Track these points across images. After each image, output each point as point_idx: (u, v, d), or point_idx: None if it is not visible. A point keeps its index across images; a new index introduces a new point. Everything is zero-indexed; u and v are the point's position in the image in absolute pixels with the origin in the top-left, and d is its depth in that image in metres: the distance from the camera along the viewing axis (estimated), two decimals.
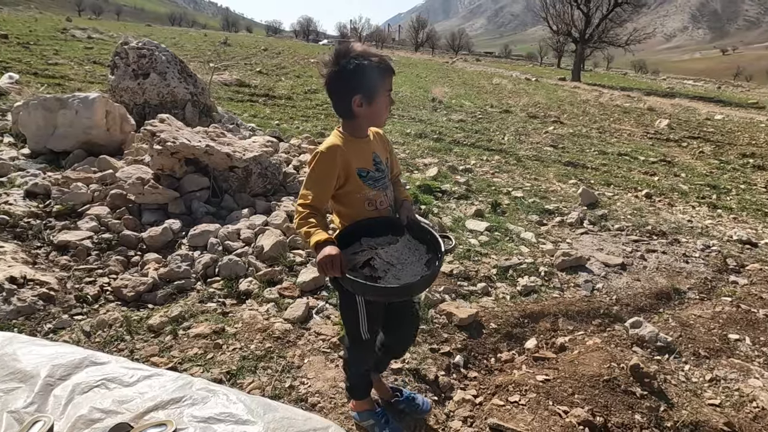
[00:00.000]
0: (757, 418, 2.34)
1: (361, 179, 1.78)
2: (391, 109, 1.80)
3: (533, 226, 4.85)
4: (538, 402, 2.38)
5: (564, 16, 41.63)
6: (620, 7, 39.33)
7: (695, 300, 3.66)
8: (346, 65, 1.66)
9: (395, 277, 1.67)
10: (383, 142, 1.95)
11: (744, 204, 6.62)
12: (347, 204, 1.82)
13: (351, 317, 1.88)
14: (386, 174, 1.89)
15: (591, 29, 40.44)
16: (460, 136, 9.08)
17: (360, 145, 1.80)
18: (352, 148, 1.77)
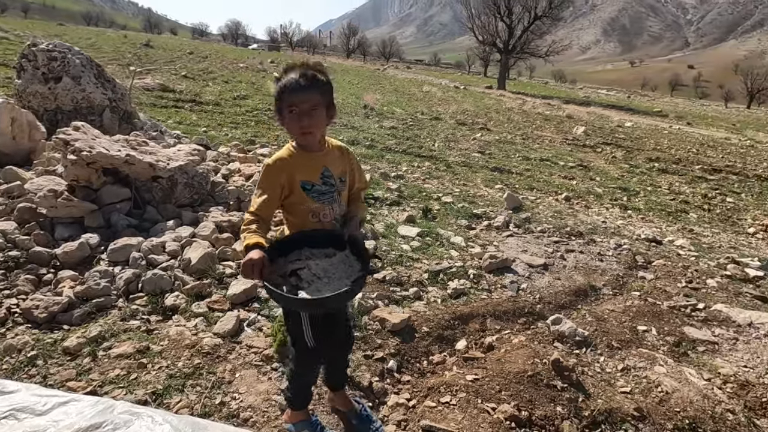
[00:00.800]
0: (662, 402, 2.56)
1: (304, 192, 1.85)
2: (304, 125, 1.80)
3: (462, 231, 5.02)
4: (468, 401, 2.47)
5: (489, 28, 43.45)
6: (540, 20, 41.62)
7: (609, 295, 3.94)
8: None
9: (317, 290, 1.68)
10: (344, 157, 1.99)
11: (650, 205, 7.22)
12: (293, 214, 1.91)
13: (296, 325, 1.93)
14: (336, 188, 1.93)
15: (514, 40, 42.50)
16: (392, 143, 9.23)
17: (309, 159, 1.87)
18: (300, 161, 1.85)
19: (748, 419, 2.51)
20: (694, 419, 2.44)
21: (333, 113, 1.91)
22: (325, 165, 1.90)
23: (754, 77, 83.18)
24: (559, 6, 41.84)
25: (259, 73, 20.83)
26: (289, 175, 1.82)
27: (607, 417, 2.47)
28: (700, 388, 2.65)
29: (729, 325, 3.47)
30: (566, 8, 45.16)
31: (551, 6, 41.16)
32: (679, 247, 5.25)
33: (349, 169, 2.00)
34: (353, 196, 2.06)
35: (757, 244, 6.02)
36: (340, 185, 1.95)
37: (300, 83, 1.78)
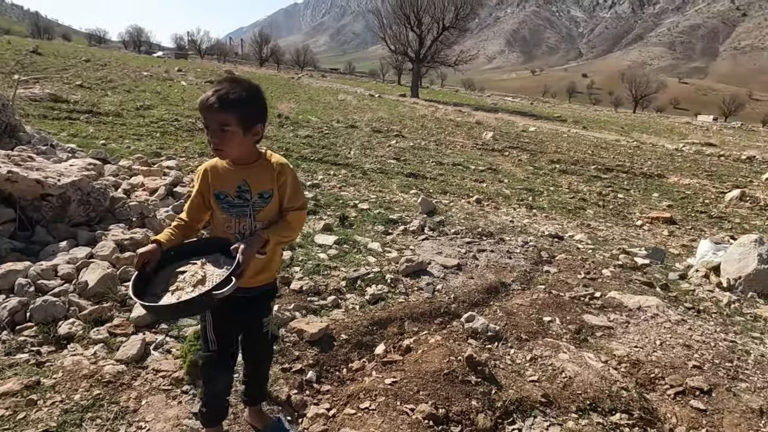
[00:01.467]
0: (566, 387, 2.74)
1: (217, 201, 1.92)
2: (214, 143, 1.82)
3: (379, 236, 5.08)
4: (387, 404, 2.49)
5: (400, 37, 44.64)
6: (448, 30, 43.44)
7: (518, 290, 4.17)
8: None
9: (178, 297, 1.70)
10: (274, 174, 1.93)
11: (553, 204, 7.75)
12: (214, 221, 2.00)
13: (201, 325, 2.05)
14: (253, 204, 1.91)
15: (424, 50, 43.95)
16: (308, 151, 9.16)
17: (230, 170, 1.92)
18: (221, 171, 1.92)
19: (639, 394, 2.75)
20: (594, 399, 2.64)
21: (257, 131, 1.87)
22: (244, 179, 1.90)
23: (638, 85, 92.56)
24: (465, 18, 43.90)
25: (165, 82, 19.83)
26: (206, 182, 1.92)
27: (518, 406, 2.60)
28: (599, 370, 2.87)
29: (622, 311, 3.80)
30: (472, 20, 47.44)
31: (458, 17, 43.11)
32: (578, 241, 5.68)
33: (277, 186, 1.95)
34: (281, 215, 1.99)
35: (644, 235, 6.66)
36: (259, 201, 1.92)
37: (210, 102, 1.76)
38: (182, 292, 1.71)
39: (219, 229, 1.96)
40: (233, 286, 1.67)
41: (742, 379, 3.02)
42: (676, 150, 20.83)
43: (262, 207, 1.93)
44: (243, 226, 1.92)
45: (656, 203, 9.22)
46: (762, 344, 3.56)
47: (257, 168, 1.93)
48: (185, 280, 1.76)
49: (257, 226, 1.93)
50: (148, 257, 1.75)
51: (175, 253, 1.87)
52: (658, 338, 3.37)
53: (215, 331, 2.01)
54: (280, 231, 1.95)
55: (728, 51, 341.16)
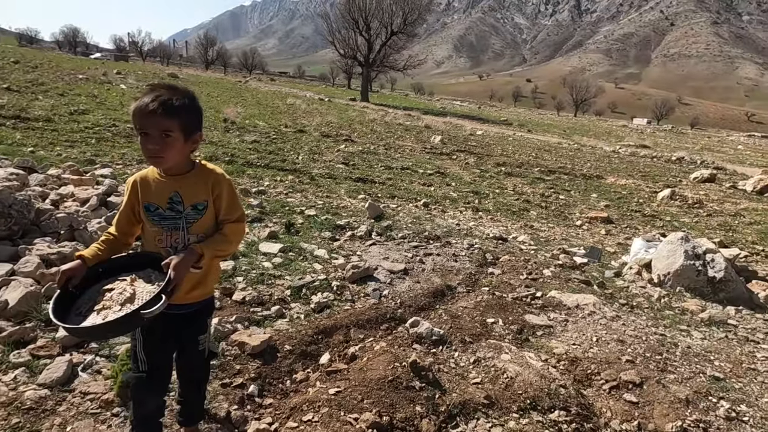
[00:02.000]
0: (508, 387, 2.80)
1: (147, 213, 1.84)
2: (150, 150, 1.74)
3: (326, 243, 5.04)
4: (330, 415, 2.46)
5: (349, 42, 44.65)
6: (396, 35, 43.85)
7: (463, 293, 4.23)
8: None
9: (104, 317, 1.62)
10: (207, 184, 1.87)
11: (498, 206, 7.95)
12: (144, 234, 1.90)
13: (132, 346, 1.97)
14: (185, 216, 1.84)
15: (373, 54, 44.16)
16: (254, 157, 8.98)
17: (161, 181, 1.84)
18: (152, 182, 1.84)
19: (577, 391, 2.85)
20: (534, 398, 2.71)
21: (196, 139, 1.84)
22: (176, 190, 1.83)
23: (578, 90, 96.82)
24: (413, 23, 44.46)
25: (102, 86, 18.93)
26: (135, 194, 1.84)
27: (461, 409, 2.63)
28: (538, 369, 2.95)
29: (561, 309, 3.94)
30: (420, 25, 48.11)
31: (406, 22, 43.61)
32: (521, 242, 5.84)
33: (212, 198, 1.88)
34: (219, 227, 1.92)
35: (583, 235, 6.95)
36: (192, 213, 1.85)
37: (152, 108, 1.69)
38: (109, 311, 1.63)
39: (150, 243, 1.87)
40: (163, 305, 1.59)
41: (670, 370, 3.18)
42: (613, 152, 21.91)
43: (196, 219, 1.86)
44: (175, 239, 1.84)
45: (595, 203, 9.64)
46: (689, 336, 3.78)
47: (191, 179, 1.86)
48: (113, 298, 1.67)
49: (191, 239, 1.85)
50: (71, 274, 1.67)
51: (103, 269, 1.78)
52: (594, 335, 3.51)
53: (146, 350, 1.92)
54: (216, 244, 1.87)
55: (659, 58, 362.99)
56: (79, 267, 1.69)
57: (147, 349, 1.92)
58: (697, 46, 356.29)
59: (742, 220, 10.08)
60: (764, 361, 3.53)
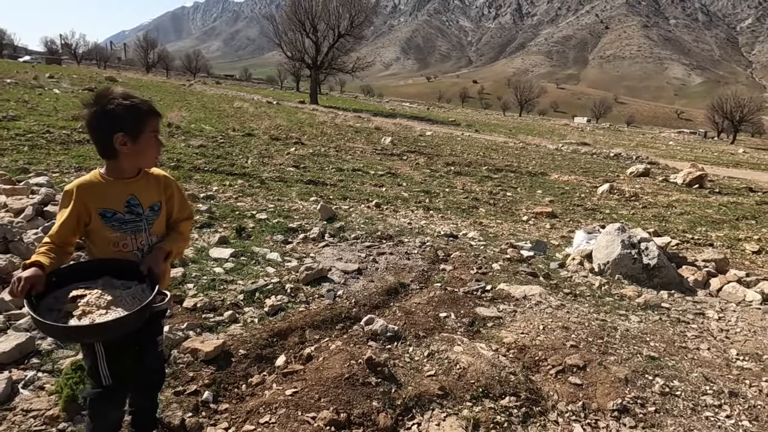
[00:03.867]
0: (461, 377, 2.90)
1: (103, 220, 1.82)
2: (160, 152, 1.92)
3: (279, 246, 5.00)
4: (288, 416, 2.47)
5: (296, 44, 44.25)
6: (344, 38, 43.85)
7: (417, 290, 4.32)
8: (107, 104, 1.74)
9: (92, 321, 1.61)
10: (159, 186, 1.96)
11: (448, 204, 8.13)
12: (94, 242, 1.86)
13: (90, 359, 1.87)
14: (145, 218, 1.90)
15: (321, 57, 43.96)
16: (201, 162, 8.76)
17: (115, 186, 1.84)
18: (102, 189, 1.82)
19: (525, 377, 2.99)
20: (486, 386, 2.82)
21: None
22: (132, 193, 1.87)
23: (522, 90, 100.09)
24: (360, 25, 44.62)
25: (33, 90, 17.92)
26: (86, 202, 1.79)
27: (417, 401, 2.70)
28: (489, 358, 3.07)
29: (510, 301, 4.09)
30: (367, 27, 48.33)
31: (353, 25, 43.70)
32: (471, 238, 6.01)
33: (165, 198, 1.97)
34: (172, 226, 2.04)
35: (529, 229, 7.22)
36: (150, 214, 1.92)
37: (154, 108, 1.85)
38: (94, 315, 1.63)
39: (106, 250, 1.86)
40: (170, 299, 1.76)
41: (611, 353, 3.38)
42: (556, 150, 22.82)
43: (154, 220, 1.94)
44: (140, 241, 1.90)
45: (540, 199, 10.03)
46: (627, 320, 4.02)
47: (142, 181, 1.91)
48: (90, 303, 1.67)
49: (153, 239, 1.94)
50: (34, 281, 1.61)
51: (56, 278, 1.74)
52: (541, 323, 3.68)
53: (109, 362, 1.85)
54: (177, 242, 2.02)
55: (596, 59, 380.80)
56: (39, 275, 1.64)
57: (110, 362, 1.86)
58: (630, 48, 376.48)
59: (674, 210, 10.77)
60: (693, 339, 3.81)
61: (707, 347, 3.68)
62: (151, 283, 1.79)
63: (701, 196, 13.41)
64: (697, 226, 9.30)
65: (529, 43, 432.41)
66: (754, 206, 12.33)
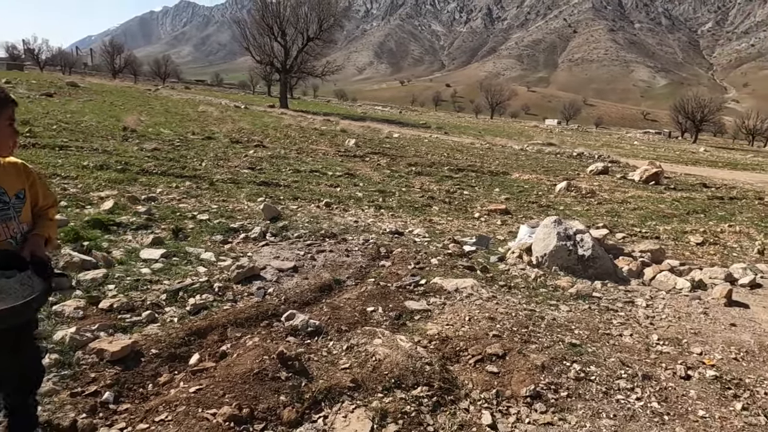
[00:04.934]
0: (375, 369, 2.88)
1: None
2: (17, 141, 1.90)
3: (216, 246, 4.92)
4: (186, 413, 2.40)
5: (265, 48, 43.89)
6: (313, 41, 43.70)
7: (351, 286, 4.29)
8: None
9: None
10: (19, 174, 1.94)
11: (401, 203, 8.14)
12: None
13: None
14: (11, 205, 1.88)
15: (290, 60, 43.72)
16: (151, 165, 8.57)
17: None
18: None
19: (442, 367, 2.98)
20: (399, 377, 2.81)
21: None
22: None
23: (493, 93, 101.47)
24: (329, 29, 44.53)
25: None
26: None
27: (327, 394, 2.66)
28: (407, 350, 3.05)
29: (441, 294, 4.10)
30: (336, 31, 48.26)
31: (322, 29, 43.59)
32: (416, 235, 6.02)
33: (28, 185, 1.96)
34: (37, 213, 2.03)
35: (479, 226, 7.28)
36: (17, 202, 1.91)
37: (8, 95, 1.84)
38: None
39: None
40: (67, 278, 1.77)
41: (533, 341, 3.42)
42: (521, 150, 23.15)
43: (21, 207, 1.92)
44: (13, 230, 1.88)
45: (496, 197, 10.14)
46: (557, 309, 4.07)
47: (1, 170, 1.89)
48: None
49: (24, 228, 1.93)
50: None
51: None
52: (468, 315, 3.69)
53: None
54: (51, 228, 2.03)
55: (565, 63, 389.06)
56: None
57: None
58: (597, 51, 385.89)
59: (628, 206, 11.02)
60: (619, 326, 3.88)
61: (630, 333, 3.75)
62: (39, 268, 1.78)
63: (656, 192, 13.77)
64: (648, 221, 9.52)
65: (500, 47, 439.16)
66: (705, 201, 12.72)
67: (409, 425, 2.52)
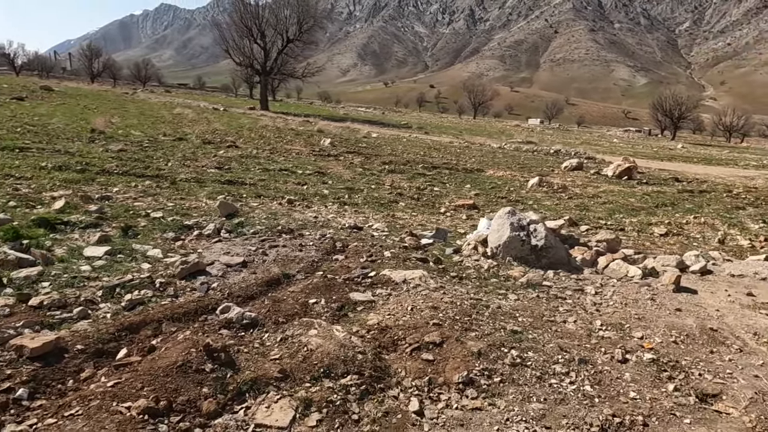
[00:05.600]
0: (306, 359, 2.84)
1: None
2: None
3: (167, 243, 4.83)
4: (99, 407, 2.34)
5: (244, 50, 43.56)
6: (293, 43, 43.50)
7: (301, 279, 4.24)
8: None
9: None
10: None
11: (368, 200, 8.10)
12: None
13: None
14: None
15: (270, 62, 43.46)
16: (113, 165, 8.42)
17: None
18: None
19: (375, 356, 2.95)
20: (329, 366, 2.77)
21: None
22: None
23: (475, 94, 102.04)
24: (309, 30, 44.34)
25: None
26: None
27: (252, 385, 2.62)
28: (340, 339, 3.02)
29: (388, 285, 4.07)
30: (316, 32, 48.07)
31: (301, 30, 43.40)
32: (375, 229, 5.99)
33: None
34: None
35: (443, 220, 7.27)
36: None
37: None
38: None
39: None
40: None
41: (473, 329, 3.40)
42: (500, 148, 23.27)
43: None
44: None
45: (466, 193, 10.15)
46: (504, 298, 4.07)
47: None
48: None
49: None
50: None
51: None
52: (411, 305, 3.66)
53: None
54: None
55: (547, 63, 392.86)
56: None
57: None
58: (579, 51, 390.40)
59: (598, 200, 11.11)
60: (564, 313, 3.88)
61: (574, 320, 3.76)
62: None
63: (628, 186, 13.91)
64: (615, 214, 9.61)
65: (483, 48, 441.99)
66: (675, 194, 12.90)
67: (334, 414, 2.48)
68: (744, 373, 3.14)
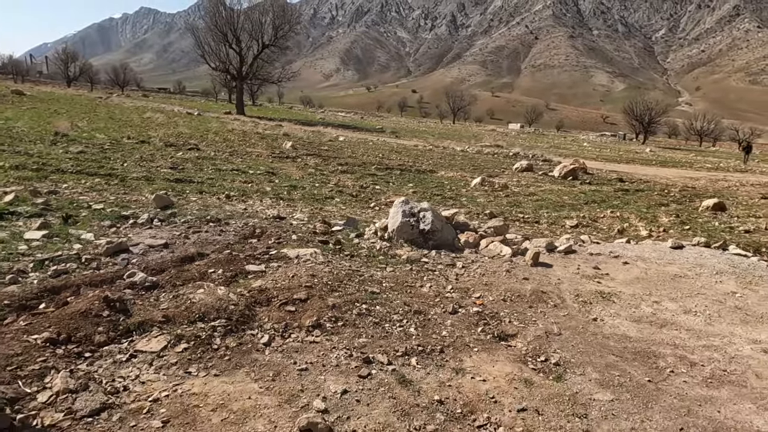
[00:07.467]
0: (187, 309, 3.59)
1: None
2: None
3: (103, 230, 5.53)
4: (12, 338, 3.06)
5: (220, 54, 44.06)
6: (269, 48, 44.14)
7: (212, 257, 4.97)
8: None
9: None
10: None
11: (306, 196, 8.87)
12: None
13: None
14: None
15: (246, 67, 44.04)
16: (69, 165, 9.07)
17: None
18: None
19: (246, 306, 3.72)
20: (204, 313, 3.53)
21: None
22: None
23: (454, 99, 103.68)
24: (285, 36, 45.03)
25: None
26: None
27: (139, 326, 3.37)
28: (220, 295, 3.78)
29: (283, 260, 4.84)
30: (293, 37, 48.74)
31: (277, 36, 44.07)
32: (296, 219, 6.76)
33: None
34: None
35: (367, 212, 8.08)
36: None
37: None
38: None
39: None
40: None
41: (338, 290, 4.18)
42: (462, 151, 24.23)
43: None
44: None
45: (406, 191, 10.98)
46: (382, 271, 4.86)
47: None
48: None
49: None
50: None
51: None
52: (294, 273, 4.44)
53: None
54: None
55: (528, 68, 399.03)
56: None
57: None
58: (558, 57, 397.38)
59: (532, 198, 12.03)
60: (426, 281, 4.69)
61: (430, 285, 4.57)
62: None
63: (569, 186, 14.90)
64: (541, 209, 10.51)
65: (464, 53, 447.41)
66: (610, 192, 13.91)
67: (199, 344, 3.24)
68: (546, 320, 3.98)
